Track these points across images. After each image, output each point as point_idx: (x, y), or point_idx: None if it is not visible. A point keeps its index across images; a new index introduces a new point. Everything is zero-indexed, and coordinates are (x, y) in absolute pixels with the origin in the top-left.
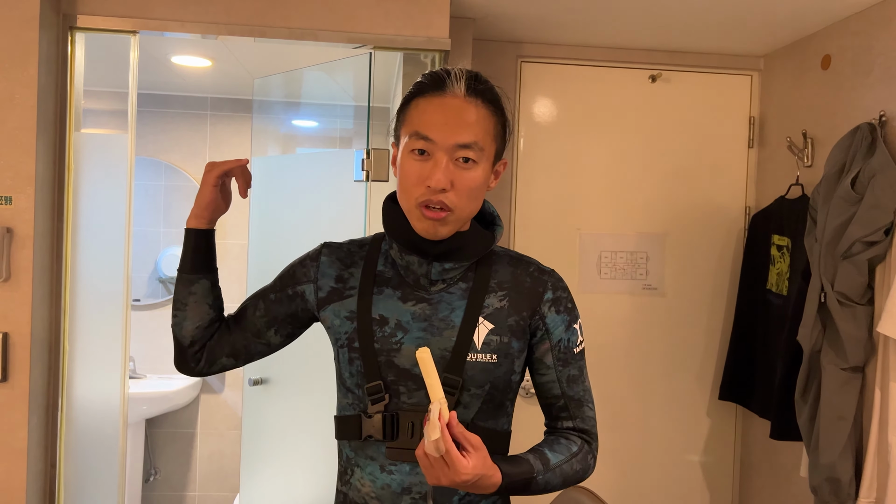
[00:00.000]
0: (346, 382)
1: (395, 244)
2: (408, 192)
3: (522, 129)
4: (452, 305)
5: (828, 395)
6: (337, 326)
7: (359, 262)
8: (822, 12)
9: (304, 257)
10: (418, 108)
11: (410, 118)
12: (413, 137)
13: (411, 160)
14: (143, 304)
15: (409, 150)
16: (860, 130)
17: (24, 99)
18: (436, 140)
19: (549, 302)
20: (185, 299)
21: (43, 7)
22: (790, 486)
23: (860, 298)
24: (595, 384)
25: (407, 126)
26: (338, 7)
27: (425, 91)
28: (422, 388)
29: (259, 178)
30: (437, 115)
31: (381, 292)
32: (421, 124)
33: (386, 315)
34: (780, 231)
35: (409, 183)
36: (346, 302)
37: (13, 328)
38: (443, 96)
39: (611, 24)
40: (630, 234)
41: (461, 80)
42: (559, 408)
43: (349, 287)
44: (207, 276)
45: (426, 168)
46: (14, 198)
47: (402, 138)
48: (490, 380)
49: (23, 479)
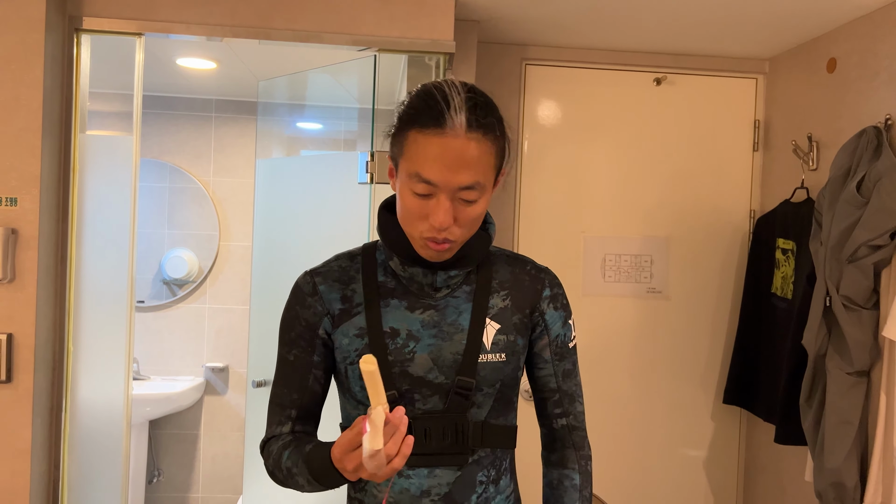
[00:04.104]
0: (356, 396)
1: (397, 257)
2: (410, 224)
3: (527, 132)
4: (459, 309)
5: (833, 400)
6: (346, 345)
7: (357, 278)
8: (827, 15)
9: (299, 300)
10: (417, 144)
11: (409, 153)
12: (413, 178)
13: (412, 197)
14: (147, 305)
15: (410, 188)
16: (866, 134)
17: (29, 100)
18: (438, 184)
19: (547, 299)
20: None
21: (49, 9)
22: (795, 490)
23: (865, 302)
24: (599, 387)
25: (406, 161)
26: (342, 9)
27: (424, 124)
28: (436, 394)
29: (263, 180)
30: (437, 158)
31: (388, 304)
32: (421, 166)
33: (396, 327)
34: (785, 235)
35: (412, 217)
36: (354, 320)
37: (17, 329)
38: (443, 136)
39: (615, 27)
40: (634, 237)
41: (461, 114)
42: (554, 402)
43: (355, 304)
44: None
45: (428, 205)
46: (19, 199)
47: (401, 169)
48: (500, 378)
49: (26, 480)
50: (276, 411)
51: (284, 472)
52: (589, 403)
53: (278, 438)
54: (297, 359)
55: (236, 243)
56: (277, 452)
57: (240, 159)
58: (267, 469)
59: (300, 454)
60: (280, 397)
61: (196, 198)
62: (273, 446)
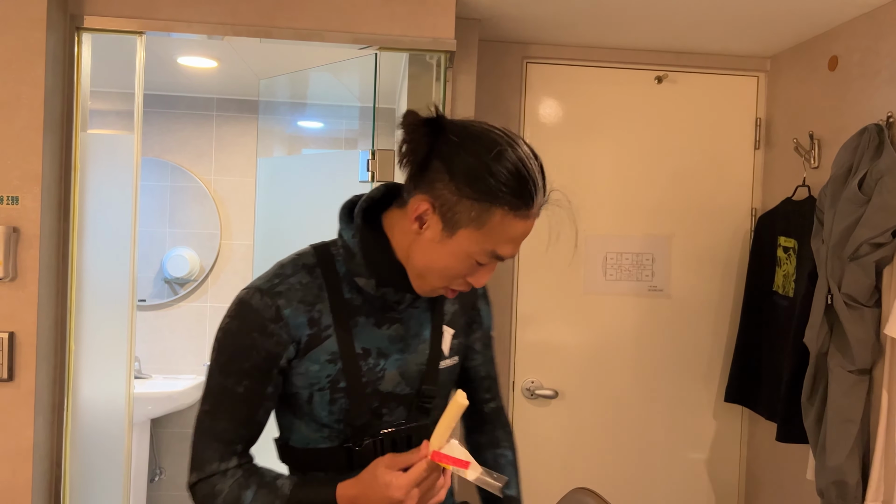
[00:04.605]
0: (320, 420)
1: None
2: (442, 279)
3: (527, 131)
4: (420, 319)
5: (835, 398)
6: (315, 372)
7: (322, 296)
8: (828, 13)
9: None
10: (504, 225)
11: (492, 230)
12: (486, 253)
13: (469, 263)
14: (149, 304)
15: (473, 257)
16: (867, 132)
17: (30, 99)
18: (506, 258)
19: (482, 295)
20: None
21: (50, 8)
22: (797, 488)
23: (867, 300)
24: (601, 386)
25: (483, 235)
26: (343, 8)
27: (517, 207)
28: (401, 405)
29: (265, 178)
30: (517, 239)
31: (357, 323)
32: (503, 247)
33: (367, 346)
34: (787, 233)
35: (452, 275)
36: (325, 345)
37: (19, 327)
38: (527, 219)
39: (616, 25)
40: (636, 235)
41: (542, 197)
42: (485, 388)
43: (324, 328)
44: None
45: (477, 269)
46: (21, 197)
47: (467, 234)
48: (453, 379)
49: (28, 479)
50: (215, 447)
51: None
52: (590, 402)
53: (224, 476)
54: (249, 391)
55: (238, 242)
56: (232, 495)
57: (241, 158)
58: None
59: (274, 494)
60: (224, 432)
61: (197, 196)
62: (220, 485)
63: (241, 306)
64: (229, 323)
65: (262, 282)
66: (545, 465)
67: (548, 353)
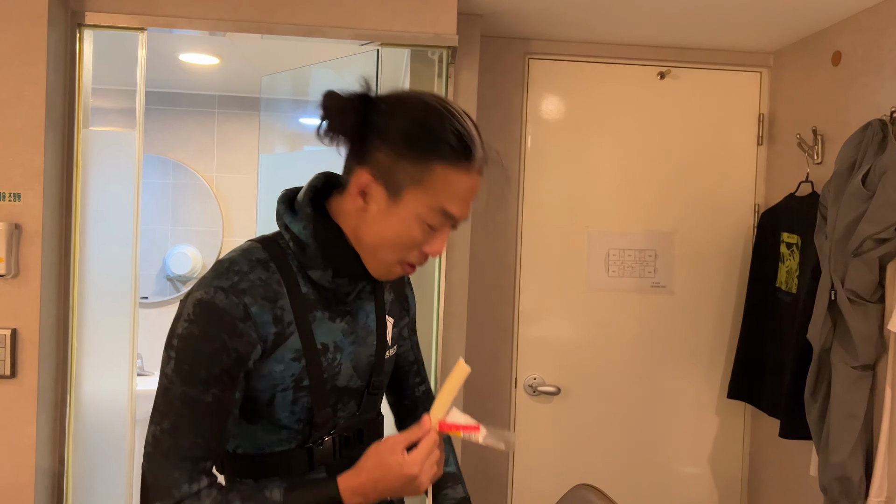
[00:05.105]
0: (279, 422)
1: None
2: (396, 250)
3: (530, 127)
4: (366, 310)
5: (838, 394)
6: (280, 371)
7: (281, 292)
8: (832, 8)
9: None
10: (447, 181)
11: (435, 188)
12: (436, 213)
13: (421, 228)
14: (151, 301)
15: (423, 219)
16: (871, 127)
17: (32, 96)
18: (459, 219)
19: (407, 283)
20: None
21: (51, 4)
22: (800, 485)
23: (871, 296)
24: (603, 382)
25: (428, 194)
26: (345, 3)
27: (456, 160)
28: (353, 399)
29: (266, 175)
30: (465, 195)
31: (314, 318)
32: (451, 204)
33: (325, 342)
34: (790, 229)
35: (406, 244)
36: (289, 342)
37: (22, 324)
38: (470, 172)
39: (619, 20)
40: (638, 231)
41: (482, 151)
42: (415, 372)
43: (286, 324)
44: None
45: (430, 235)
46: (23, 194)
47: (412, 197)
48: (391, 369)
49: (31, 476)
50: (181, 467)
51: None
52: (593, 398)
53: (198, 498)
54: (217, 399)
55: (240, 239)
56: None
57: (243, 155)
58: None
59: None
60: (191, 449)
61: (199, 194)
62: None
63: (203, 308)
64: (189, 328)
65: (221, 280)
66: (547, 462)
67: (550, 349)
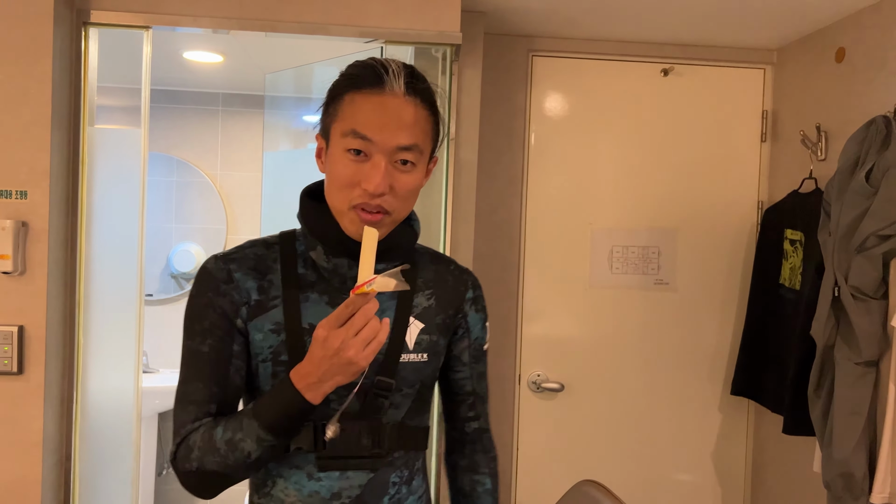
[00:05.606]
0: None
1: (321, 246)
2: (342, 194)
3: (533, 124)
4: (383, 306)
5: (841, 390)
6: (259, 341)
7: (274, 268)
8: (835, 5)
9: (212, 287)
10: (354, 104)
11: (344, 114)
12: (349, 136)
13: (346, 160)
14: (156, 299)
15: (345, 148)
16: (874, 124)
17: (38, 94)
18: (375, 141)
19: (470, 300)
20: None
21: (57, 2)
22: (803, 481)
23: (874, 293)
24: (606, 379)
25: (341, 122)
26: (349, 1)
27: (361, 85)
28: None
29: (271, 173)
30: (376, 115)
31: (308, 298)
32: (359, 123)
33: (315, 323)
34: (794, 225)
35: (344, 184)
36: (270, 314)
37: (28, 321)
38: (381, 94)
39: (622, 17)
40: (642, 228)
41: (400, 78)
42: (468, 405)
43: (272, 297)
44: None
45: (363, 170)
46: (29, 192)
47: (334, 134)
48: (421, 379)
49: (38, 472)
50: (189, 410)
51: (222, 452)
52: (595, 395)
53: (197, 430)
54: (214, 349)
55: (244, 237)
56: (205, 438)
57: (247, 153)
58: (188, 472)
59: (241, 417)
60: (194, 394)
61: (203, 191)
62: (194, 438)
63: (199, 273)
64: (191, 290)
65: (220, 254)
66: (551, 458)
67: (553, 346)
